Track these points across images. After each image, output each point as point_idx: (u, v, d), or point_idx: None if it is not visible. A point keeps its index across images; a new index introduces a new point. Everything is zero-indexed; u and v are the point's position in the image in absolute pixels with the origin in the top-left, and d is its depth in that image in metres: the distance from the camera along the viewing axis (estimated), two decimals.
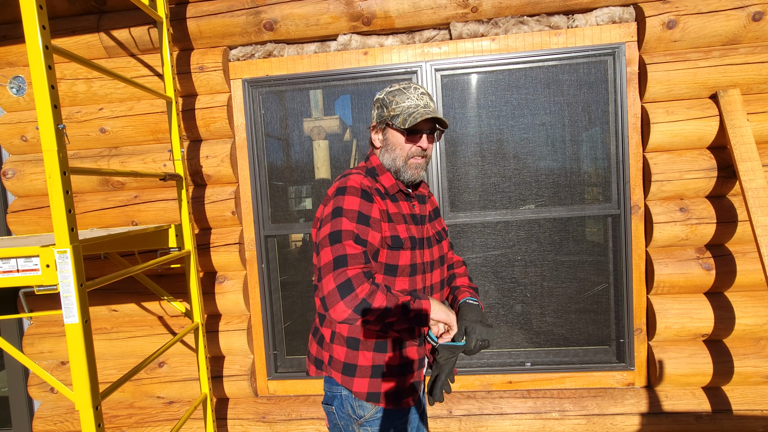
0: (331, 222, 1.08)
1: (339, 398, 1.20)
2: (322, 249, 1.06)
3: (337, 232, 1.06)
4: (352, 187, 1.12)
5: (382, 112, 1.22)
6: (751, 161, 1.81)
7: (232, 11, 2.07)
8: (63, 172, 1.28)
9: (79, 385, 1.33)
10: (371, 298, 1.00)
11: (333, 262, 1.02)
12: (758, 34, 1.90)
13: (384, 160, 1.24)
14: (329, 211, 1.10)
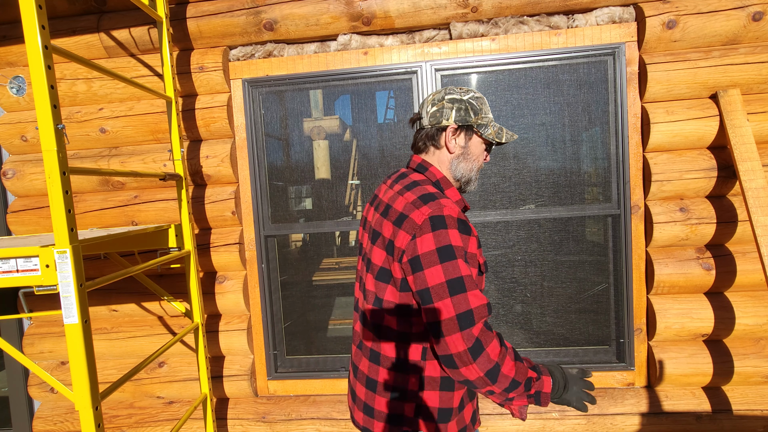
0: (443, 265, 0.91)
1: None
2: (438, 299, 0.90)
3: (458, 279, 0.90)
4: (451, 217, 0.95)
5: (467, 116, 1.10)
6: (751, 161, 1.81)
7: (232, 11, 2.07)
8: (63, 172, 1.28)
9: (79, 385, 1.33)
10: (502, 362, 0.91)
11: (458, 319, 0.89)
12: (758, 34, 1.90)
13: (456, 169, 1.13)
14: (432, 248, 0.92)
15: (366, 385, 1.09)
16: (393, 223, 1.00)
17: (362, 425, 1.11)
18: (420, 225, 0.94)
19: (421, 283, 0.93)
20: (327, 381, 2.30)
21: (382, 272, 1.01)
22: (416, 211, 0.97)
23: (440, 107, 1.12)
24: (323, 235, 2.33)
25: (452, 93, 1.13)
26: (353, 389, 1.15)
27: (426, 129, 1.14)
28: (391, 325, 1.02)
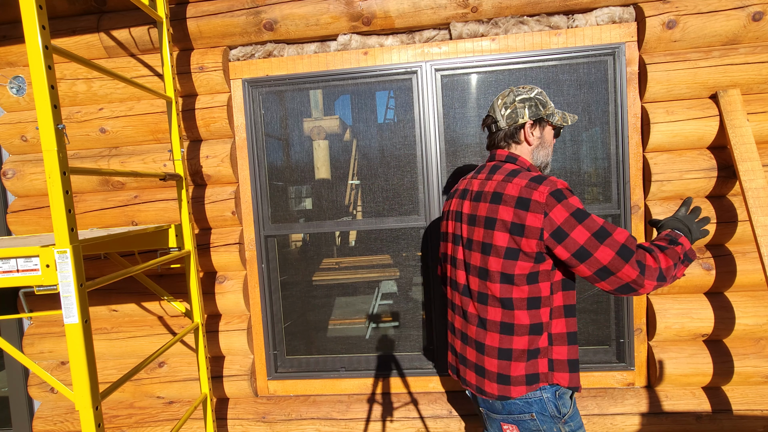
0: (583, 224, 1.10)
1: (539, 403, 1.18)
2: (595, 250, 1.09)
3: (600, 229, 1.10)
4: (565, 188, 1.14)
5: (538, 110, 1.29)
6: (751, 161, 1.81)
7: (232, 11, 2.07)
8: (63, 172, 1.28)
9: (79, 385, 1.33)
10: (659, 262, 1.12)
11: (619, 256, 1.09)
12: (758, 34, 1.90)
13: (537, 157, 1.32)
14: (567, 216, 1.11)
15: (496, 356, 1.21)
16: (515, 208, 1.15)
17: (475, 383, 1.28)
18: (545, 203, 1.11)
19: (573, 246, 1.11)
20: (327, 381, 2.30)
21: (510, 251, 1.16)
22: (535, 192, 1.13)
23: (513, 108, 1.29)
24: (323, 235, 2.33)
25: (520, 93, 1.31)
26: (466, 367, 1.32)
27: (504, 129, 1.31)
28: (522, 295, 1.17)
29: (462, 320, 1.32)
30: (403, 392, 2.25)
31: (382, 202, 2.23)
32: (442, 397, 2.21)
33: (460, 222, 1.31)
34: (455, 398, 2.21)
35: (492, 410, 1.27)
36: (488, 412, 1.30)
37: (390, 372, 2.28)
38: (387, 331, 2.35)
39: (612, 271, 1.10)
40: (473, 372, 1.28)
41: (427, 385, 2.25)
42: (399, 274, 2.30)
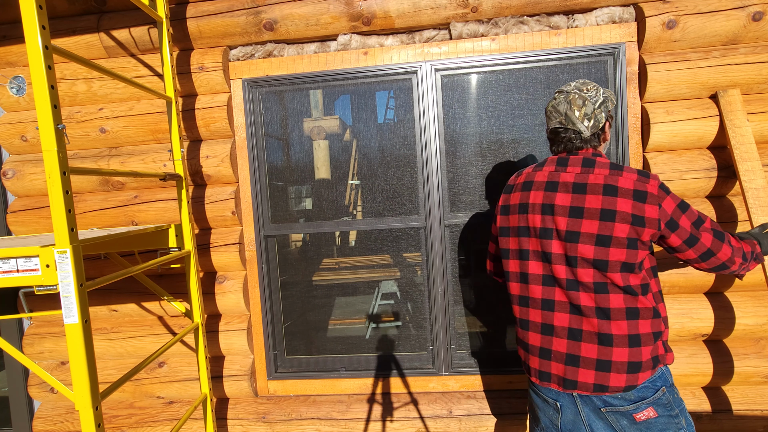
0: (686, 214, 1.24)
1: (662, 377, 1.25)
2: (700, 235, 1.24)
3: (699, 216, 1.26)
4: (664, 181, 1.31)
5: (608, 106, 1.33)
6: (751, 161, 1.80)
7: (232, 11, 2.07)
8: (63, 172, 1.28)
9: (79, 385, 1.33)
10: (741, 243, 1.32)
11: (717, 238, 1.26)
12: (758, 34, 1.90)
13: (605, 150, 1.40)
14: (675, 206, 1.23)
15: (626, 344, 1.22)
16: (633, 200, 1.20)
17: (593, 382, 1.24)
18: (658, 195, 1.21)
19: (684, 233, 1.23)
20: (327, 381, 2.30)
21: (632, 242, 1.21)
22: (648, 185, 1.21)
23: (594, 117, 1.30)
24: (323, 235, 2.33)
25: (593, 99, 1.30)
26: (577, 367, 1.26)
27: (588, 137, 1.32)
28: (638, 281, 1.23)
29: (570, 316, 1.26)
30: (403, 392, 2.25)
31: (382, 202, 2.24)
32: (442, 397, 2.21)
33: (552, 215, 1.27)
34: (456, 398, 2.21)
35: (608, 405, 1.23)
36: (597, 411, 1.24)
37: (390, 372, 2.28)
38: (387, 331, 2.35)
39: (714, 252, 1.26)
40: (590, 369, 1.23)
41: (427, 385, 2.25)
42: (399, 274, 2.30)
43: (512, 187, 1.41)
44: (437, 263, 2.18)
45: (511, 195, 1.40)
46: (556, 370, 1.28)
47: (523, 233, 1.34)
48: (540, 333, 1.32)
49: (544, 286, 1.30)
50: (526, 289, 1.34)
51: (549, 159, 1.37)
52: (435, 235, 2.17)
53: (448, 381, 2.24)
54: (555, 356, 1.29)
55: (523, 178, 1.38)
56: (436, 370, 2.24)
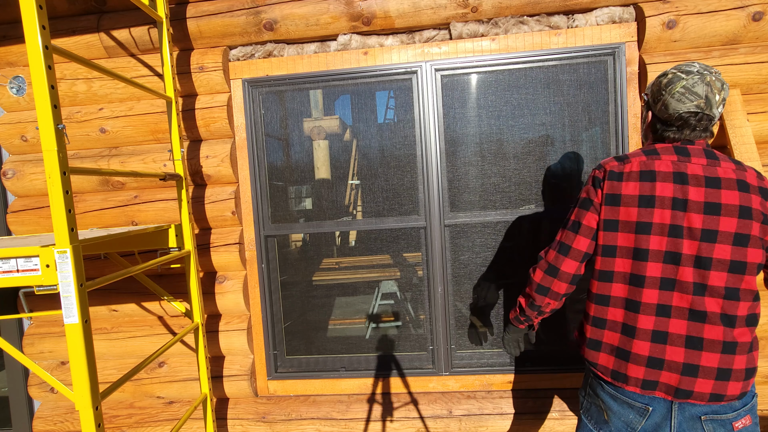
0: None
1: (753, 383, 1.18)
2: None
3: None
4: None
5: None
6: (751, 161, 1.80)
7: (232, 11, 2.07)
8: (63, 172, 1.28)
9: (79, 385, 1.33)
10: None
11: None
12: (758, 34, 1.90)
13: None
14: None
15: (746, 351, 1.14)
16: (761, 197, 1.13)
17: (710, 392, 1.14)
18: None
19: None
20: (327, 381, 2.30)
21: (762, 242, 1.13)
22: (765, 182, 1.15)
23: (723, 103, 1.19)
24: (323, 235, 2.33)
25: (723, 82, 1.17)
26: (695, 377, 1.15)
27: (713, 118, 1.19)
28: (755, 285, 1.15)
29: (689, 323, 1.15)
30: (403, 392, 2.25)
31: (382, 202, 2.24)
32: (442, 397, 2.21)
33: (684, 211, 1.13)
34: (456, 398, 2.21)
35: (713, 413, 1.15)
36: (695, 419, 1.16)
37: (390, 372, 2.28)
38: (387, 331, 2.35)
39: None
40: (709, 379, 1.13)
41: (427, 385, 2.25)
42: (399, 274, 2.30)
43: (620, 175, 1.20)
44: (437, 263, 2.18)
45: (622, 184, 1.19)
46: (667, 379, 1.16)
47: (644, 230, 1.16)
48: (650, 341, 1.17)
49: (661, 290, 1.16)
50: (636, 293, 1.18)
51: (661, 147, 1.20)
52: (435, 235, 2.17)
53: (448, 381, 2.24)
54: (668, 366, 1.15)
55: (637, 166, 1.18)
56: (436, 370, 2.24)
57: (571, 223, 1.29)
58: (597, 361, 1.26)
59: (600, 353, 1.26)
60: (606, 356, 1.24)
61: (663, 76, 1.22)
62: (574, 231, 1.27)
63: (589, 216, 1.26)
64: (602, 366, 1.25)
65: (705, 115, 1.17)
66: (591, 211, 1.26)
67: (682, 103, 1.17)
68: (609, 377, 1.23)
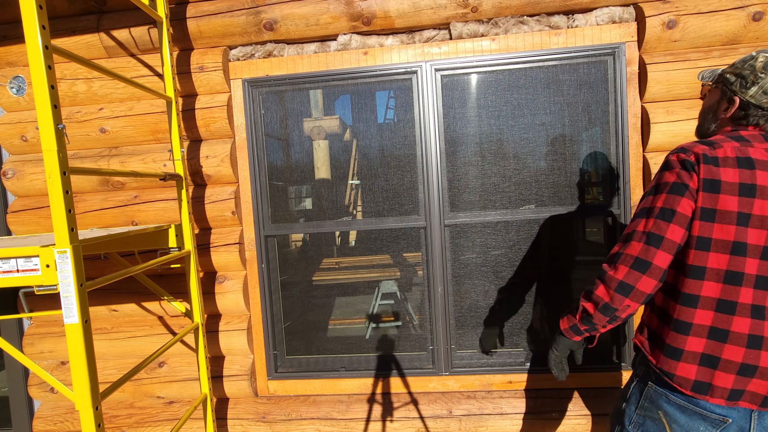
0: None
1: None
2: None
3: None
4: None
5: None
6: None
7: (232, 11, 2.07)
8: (63, 172, 1.28)
9: (79, 385, 1.33)
10: None
11: None
12: (758, 34, 1.90)
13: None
14: None
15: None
16: None
17: None
18: None
19: None
20: (327, 381, 2.30)
21: None
22: None
23: None
24: (323, 235, 2.33)
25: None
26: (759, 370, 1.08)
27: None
28: None
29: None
30: (403, 392, 2.25)
31: (382, 202, 2.24)
32: (442, 397, 2.21)
33: None
34: (456, 398, 2.21)
35: None
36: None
37: (390, 372, 2.28)
38: (387, 331, 2.35)
39: None
40: None
41: (427, 385, 2.25)
42: (399, 274, 2.30)
43: (715, 159, 1.07)
44: (437, 263, 2.18)
45: (720, 170, 1.06)
46: (755, 387, 1.07)
47: (743, 221, 1.04)
48: (745, 346, 1.06)
49: (756, 289, 1.05)
50: (731, 292, 1.06)
51: (749, 134, 1.12)
52: (435, 235, 2.17)
53: (448, 381, 2.24)
54: (761, 373, 1.06)
55: (733, 152, 1.07)
56: (436, 370, 2.24)
57: (659, 210, 1.11)
58: (675, 371, 1.12)
59: (680, 363, 1.11)
60: (688, 366, 1.10)
61: (752, 59, 1.12)
62: (666, 220, 1.09)
63: (685, 203, 1.08)
64: (681, 377, 1.11)
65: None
66: (686, 197, 1.08)
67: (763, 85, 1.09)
68: (689, 390, 1.10)
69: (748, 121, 1.14)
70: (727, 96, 1.17)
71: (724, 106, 1.18)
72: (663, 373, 1.13)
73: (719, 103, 1.20)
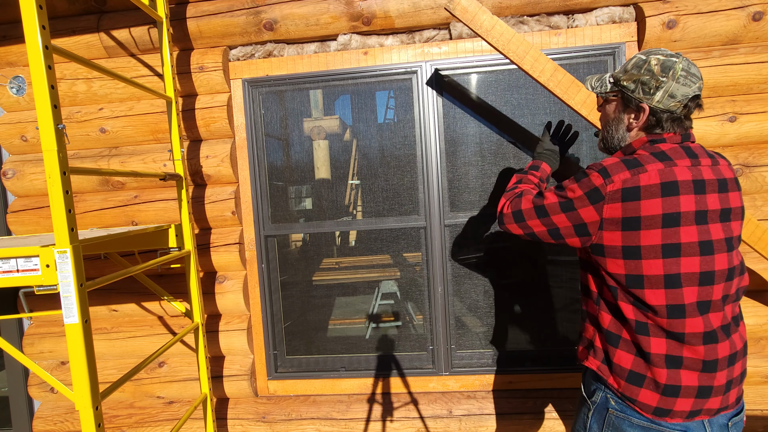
0: None
1: None
2: None
3: None
4: None
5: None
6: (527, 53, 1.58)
7: (232, 11, 2.07)
8: (63, 172, 1.28)
9: (79, 385, 1.33)
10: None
11: None
12: (758, 34, 1.90)
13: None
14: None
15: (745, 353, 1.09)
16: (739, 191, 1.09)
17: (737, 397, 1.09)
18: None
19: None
20: (327, 381, 2.30)
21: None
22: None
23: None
24: (323, 235, 2.33)
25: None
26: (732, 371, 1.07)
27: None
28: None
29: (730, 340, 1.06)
30: (403, 392, 2.25)
31: (382, 202, 2.24)
32: (442, 397, 2.21)
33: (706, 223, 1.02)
34: (456, 398, 2.21)
35: (739, 412, 1.10)
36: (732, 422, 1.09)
37: (390, 372, 2.28)
38: (387, 331, 2.35)
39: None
40: (740, 385, 1.09)
41: (427, 385, 2.25)
42: (399, 274, 2.30)
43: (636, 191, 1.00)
44: (437, 263, 2.18)
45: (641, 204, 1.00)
46: (712, 404, 1.06)
47: (673, 253, 1.01)
48: (727, 367, 1.05)
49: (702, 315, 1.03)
50: (711, 321, 1.03)
51: (668, 149, 1.04)
52: (435, 235, 2.17)
53: (448, 381, 2.24)
54: (716, 391, 1.05)
55: (657, 177, 1.00)
56: (436, 370, 2.24)
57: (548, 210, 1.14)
58: (637, 397, 1.08)
59: (681, 400, 1.05)
60: (686, 401, 1.06)
61: (645, 63, 1.06)
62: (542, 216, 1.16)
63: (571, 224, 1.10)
64: (643, 403, 1.08)
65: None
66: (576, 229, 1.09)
67: (687, 86, 1.03)
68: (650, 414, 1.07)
69: (663, 128, 1.07)
70: (633, 104, 1.10)
71: (633, 116, 1.11)
72: (626, 398, 1.09)
73: (625, 113, 1.13)
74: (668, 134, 1.07)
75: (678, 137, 1.07)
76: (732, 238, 1.04)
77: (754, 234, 1.69)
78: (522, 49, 1.57)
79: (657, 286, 1.01)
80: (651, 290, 1.02)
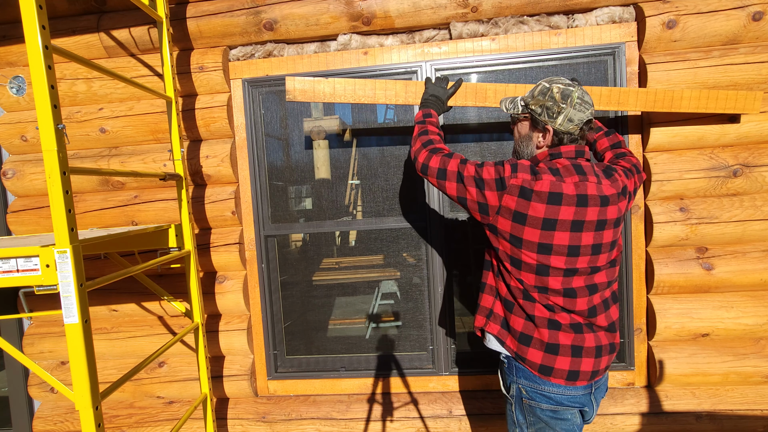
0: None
1: None
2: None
3: None
4: None
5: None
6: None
7: (232, 11, 2.07)
8: (63, 172, 1.28)
9: (79, 385, 1.33)
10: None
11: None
12: (758, 34, 1.90)
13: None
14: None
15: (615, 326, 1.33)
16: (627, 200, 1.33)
17: (605, 367, 1.31)
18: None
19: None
20: (327, 381, 2.30)
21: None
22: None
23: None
24: (323, 235, 2.33)
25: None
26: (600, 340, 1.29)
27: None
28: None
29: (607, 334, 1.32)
30: (403, 392, 2.25)
31: (382, 202, 2.23)
32: (442, 397, 2.21)
33: (580, 231, 1.23)
34: (456, 397, 2.21)
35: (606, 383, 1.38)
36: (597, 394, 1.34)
37: (390, 372, 2.28)
38: (387, 331, 2.35)
39: None
40: (610, 355, 1.33)
41: (427, 385, 2.25)
42: (399, 274, 2.30)
43: (530, 193, 1.20)
44: (437, 263, 2.18)
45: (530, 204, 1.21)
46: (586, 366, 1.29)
47: (547, 250, 1.23)
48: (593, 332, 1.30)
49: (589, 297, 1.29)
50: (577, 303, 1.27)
51: (563, 167, 1.23)
52: (435, 235, 2.17)
53: (448, 381, 2.24)
54: (604, 351, 1.32)
55: (548, 186, 1.19)
56: (436, 370, 2.24)
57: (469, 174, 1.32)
58: (526, 355, 1.34)
59: (529, 348, 1.31)
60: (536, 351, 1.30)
61: (548, 90, 1.25)
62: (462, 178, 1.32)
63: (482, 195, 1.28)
64: (531, 361, 1.33)
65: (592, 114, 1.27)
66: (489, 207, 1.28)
67: (582, 112, 1.23)
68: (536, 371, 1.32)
69: (563, 142, 1.27)
70: (539, 126, 1.29)
71: (540, 135, 1.30)
72: (519, 357, 1.31)
73: (534, 132, 1.32)
74: (565, 148, 1.27)
75: (572, 153, 1.26)
76: (601, 244, 1.24)
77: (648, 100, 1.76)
78: (369, 87, 1.78)
79: (530, 271, 1.24)
80: (526, 273, 1.25)
